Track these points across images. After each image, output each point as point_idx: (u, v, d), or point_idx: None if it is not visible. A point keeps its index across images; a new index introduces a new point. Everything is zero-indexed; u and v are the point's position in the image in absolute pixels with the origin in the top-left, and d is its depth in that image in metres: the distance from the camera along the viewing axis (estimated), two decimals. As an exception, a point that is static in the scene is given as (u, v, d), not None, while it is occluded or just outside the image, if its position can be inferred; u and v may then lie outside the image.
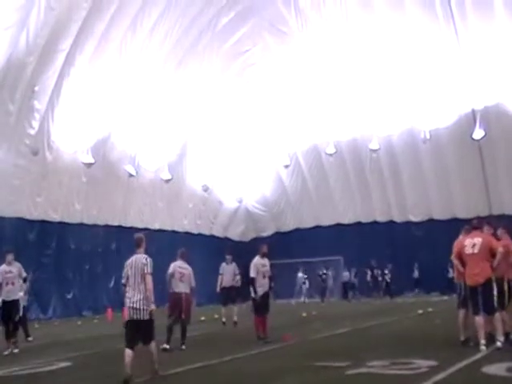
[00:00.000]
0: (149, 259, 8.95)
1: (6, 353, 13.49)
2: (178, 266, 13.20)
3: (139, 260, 8.92)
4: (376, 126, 35.00)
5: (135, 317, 8.69)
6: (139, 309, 8.66)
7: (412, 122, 34.01)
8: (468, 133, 31.46)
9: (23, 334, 16.70)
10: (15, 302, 14.17)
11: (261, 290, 13.66)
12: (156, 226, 34.29)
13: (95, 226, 30.91)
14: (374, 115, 34.85)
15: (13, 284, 14.01)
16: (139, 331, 8.71)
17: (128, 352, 8.56)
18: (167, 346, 12.47)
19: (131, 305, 8.72)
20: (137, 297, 8.70)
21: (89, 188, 29.52)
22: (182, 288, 13.05)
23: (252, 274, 13.78)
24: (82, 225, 30.08)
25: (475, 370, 8.26)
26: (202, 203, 38.20)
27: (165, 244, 29.85)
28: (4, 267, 14.10)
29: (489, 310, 10.13)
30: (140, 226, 33.03)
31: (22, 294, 14.47)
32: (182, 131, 34.47)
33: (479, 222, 11.30)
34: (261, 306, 13.66)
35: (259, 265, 13.85)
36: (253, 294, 13.72)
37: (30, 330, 17.35)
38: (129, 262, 9.03)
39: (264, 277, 13.83)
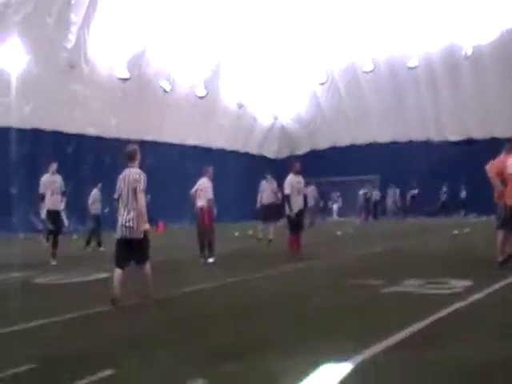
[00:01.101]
0: (142, 175, 8.29)
1: (53, 263, 13.70)
2: (199, 184, 13.29)
3: (132, 175, 8.24)
4: (415, 43, 33.99)
5: (128, 235, 8.05)
6: (132, 227, 8.02)
7: (453, 38, 32.90)
8: (510, 49, 30.42)
9: (94, 243, 17.90)
10: (59, 213, 14.42)
11: (296, 207, 13.66)
12: (190, 143, 34.36)
13: (130, 141, 31.06)
14: (414, 31, 33.72)
15: (58, 194, 14.11)
16: (132, 251, 8.08)
17: (118, 272, 7.98)
18: (203, 260, 12.81)
19: (123, 223, 8.08)
20: (130, 215, 8.07)
21: (124, 103, 29.52)
22: (199, 202, 13.22)
23: (286, 191, 13.79)
24: (117, 140, 30.28)
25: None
26: (236, 120, 37.97)
27: (200, 161, 29.88)
28: (48, 177, 14.17)
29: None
30: (175, 141, 33.19)
31: (62, 206, 14.63)
32: (217, 47, 33.87)
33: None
34: (295, 224, 13.71)
35: (294, 182, 13.81)
36: (288, 212, 13.77)
37: (70, 242, 17.85)
38: (121, 176, 8.36)
39: (299, 194, 13.81)
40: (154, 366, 4.99)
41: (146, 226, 8.15)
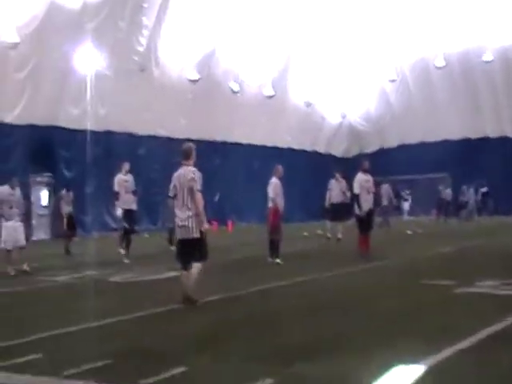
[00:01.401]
0: (197, 173, 8.02)
1: (126, 261, 14.02)
2: (278, 181, 13.27)
3: (187, 174, 7.97)
4: (490, 36, 33.00)
5: (185, 235, 7.93)
6: (188, 226, 7.85)
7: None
8: None
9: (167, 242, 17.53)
10: (134, 212, 14.81)
11: (365, 206, 13.51)
12: (259, 142, 34.50)
13: (200, 141, 31.52)
14: (488, 23, 32.74)
15: (130, 193, 14.45)
16: (190, 250, 7.93)
17: (183, 273, 7.99)
18: (270, 260, 12.84)
19: (180, 223, 7.94)
20: (185, 214, 7.88)
21: (194, 104, 29.94)
22: (268, 203, 13.23)
23: (356, 190, 13.65)
24: (188, 140, 30.71)
25: None
26: (304, 119, 37.87)
27: (268, 160, 30.02)
28: (121, 176, 14.57)
29: None
30: (243, 141, 33.42)
31: (135, 205, 14.95)
32: (284, 46, 33.91)
33: None
34: (365, 223, 13.56)
35: (363, 181, 13.65)
36: (357, 211, 13.64)
37: (142, 240, 18.13)
38: (176, 174, 8.12)
39: (368, 192, 13.64)
40: (223, 364, 5.05)
41: (205, 226, 8.05)
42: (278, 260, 12.85)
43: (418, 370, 4.58)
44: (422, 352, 5.02)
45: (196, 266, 7.91)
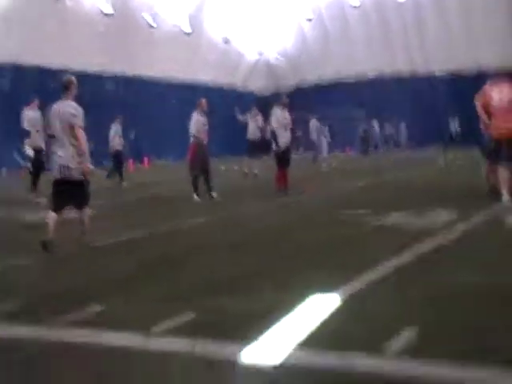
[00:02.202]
0: (79, 109, 7.40)
1: (37, 200, 13.47)
2: (200, 117, 13.06)
3: (67, 109, 7.35)
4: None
5: (65, 175, 7.32)
6: (69, 167, 7.27)
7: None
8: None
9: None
10: (42, 151, 14.25)
11: (283, 142, 13.53)
12: (175, 78, 33.84)
13: (116, 77, 30.61)
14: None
15: (39, 131, 13.87)
16: (70, 193, 7.38)
17: (52, 215, 7.32)
18: (196, 197, 12.67)
19: (59, 161, 7.33)
20: (66, 152, 7.29)
21: (109, 38, 28.87)
22: (203, 138, 13.01)
23: (273, 126, 13.62)
24: (101, 76, 29.75)
25: (497, 220, 8.33)
26: (222, 55, 37.34)
27: (186, 96, 29.55)
28: (30, 113, 14.15)
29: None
30: (161, 77, 32.73)
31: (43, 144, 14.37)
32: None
33: (508, 73, 10.92)
34: (282, 159, 13.61)
35: (280, 117, 13.61)
36: (274, 147, 13.66)
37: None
38: (53, 109, 7.49)
39: (286, 129, 13.63)
40: (142, 302, 4.98)
41: (87, 167, 7.41)
42: (212, 193, 12.65)
43: (332, 299, 4.67)
44: (337, 282, 5.11)
45: (86, 210, 7.46)
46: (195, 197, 12.68)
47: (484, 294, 4.71)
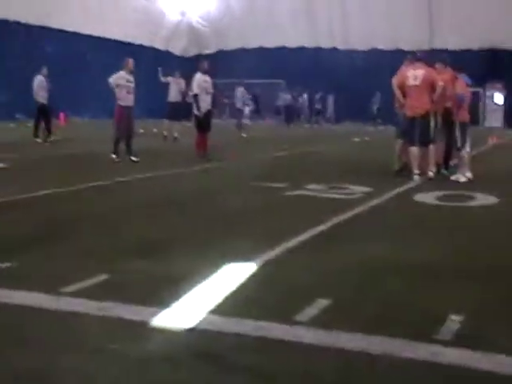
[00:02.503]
0: None
1: None
2: (126, 79, 12.72)
3: None
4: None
5: None
6: None
7: None
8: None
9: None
10: None
11: (204, 107, 13.44)
12: (95, 33, 32.75)
13: (30, 26, 29.32)
14: None
15: None
16: None
17: None
18: (116, 157, 12.43)
19: None
20: None
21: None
22: (130, 101, 12.70)
23: (195, 90, 13.51)
24: (17, 23, 28.44)
25: (407, 197, 8.63)
26: (143, 12, 36.42)
27: (104, 52, 28.73)
28: None
29: (424, 142, 10.39)
30: (79, 31, 31.55)
31: None
32: None
33: (423, 54, 11.26)
34: (203, 124, 13.54)
35: (201, 81, 13.52)
36: (196, 111, 13.56)
37: None
38: None
39: (207, 93, 13.56)
40: (54, 261, 4.88)
41: None
42: (133, 158, 12.49)
43: (248, 267, 4.73)
44: (252, 251, 5.19)
45: None
46: (113, 156, 12.46)
47: (390, 265, 4.91)
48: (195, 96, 13.43)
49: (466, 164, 10.52)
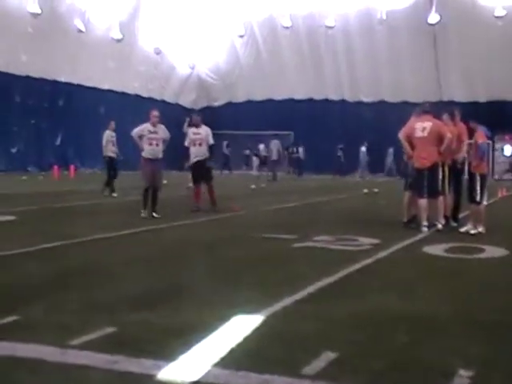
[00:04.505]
0: None
1: None
2: (149, 130, 12.22)
3: None
4: (333, 3, 34.54)
5: None
6: None
7: (369, 1, 33.81)
8: (424, 17, 31.77)
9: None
10: None
11: (192, 158, 13.54)
12: (105, 87, 33.34)
13: (42, 79, 29.90)
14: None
15: None
16: None
17: None
18: (143, 212, 11.85)
19: None
20: None
21: (36, 40, 28.17)
22: (154, 154, 12.19)
23: (186, 143, 13.73)
24: (28, 78, 29.01)
25: (416, 249, 8.58)
26: (153, 66, 37.12)
27: (115, 105, 29.19)
28: None
29: (433, 194, 10.39)
30: (89, 84, 32.12)
31: None
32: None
33: (431, 105, 11.35)
34: (195, 175, 13.59)
35: (191, 133, 13.74)
36: (186, 163, 13.80)
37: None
38: None
39: (195, 145, 13.53)
40: (61, 314, 4.86)
41: None
42: (154, 214, 11.93)
43: (255, 319, 4.70)
44: (260, 302, 5.16)
45: None
46: (142, 213, 11.81)
47: (397, 317, 4.87)
48: (186, 149, 13.65)
49: (481, 217, 10.39)
